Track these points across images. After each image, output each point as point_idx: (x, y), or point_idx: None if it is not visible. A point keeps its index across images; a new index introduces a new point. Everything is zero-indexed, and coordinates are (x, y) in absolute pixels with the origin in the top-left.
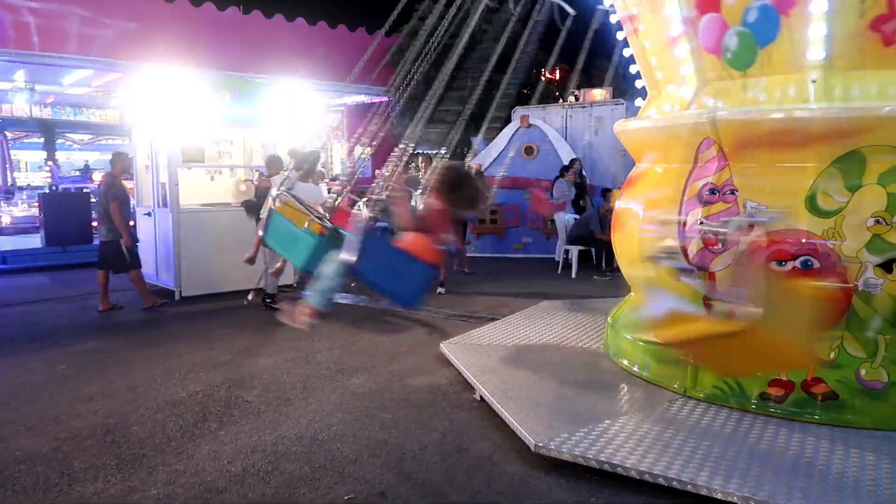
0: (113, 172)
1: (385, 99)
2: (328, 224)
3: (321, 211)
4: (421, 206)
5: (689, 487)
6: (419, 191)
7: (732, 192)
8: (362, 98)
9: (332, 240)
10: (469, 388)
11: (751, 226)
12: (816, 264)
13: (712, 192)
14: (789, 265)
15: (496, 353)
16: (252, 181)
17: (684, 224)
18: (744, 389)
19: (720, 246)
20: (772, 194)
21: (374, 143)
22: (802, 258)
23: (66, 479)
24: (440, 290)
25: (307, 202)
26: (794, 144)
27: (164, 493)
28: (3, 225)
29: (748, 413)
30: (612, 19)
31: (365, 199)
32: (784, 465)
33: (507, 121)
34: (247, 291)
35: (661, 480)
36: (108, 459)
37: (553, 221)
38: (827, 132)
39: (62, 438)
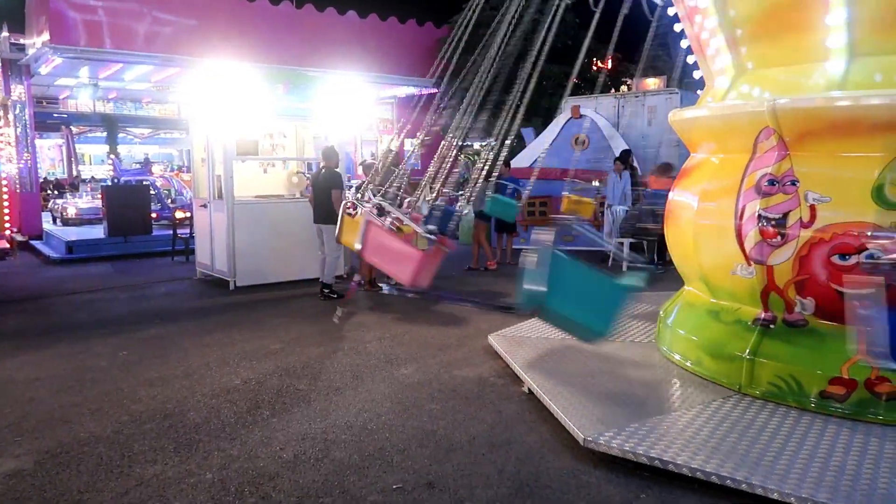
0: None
1: (435, 90)
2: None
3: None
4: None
5: (743, 486)
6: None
7: (793, 183)
8: (412, 90)
9: None
10: (517, 380)
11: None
12: (883, 258)
13: (771, 182)
14: (853, 259)
15: (544, 345)
16: (304, 174)
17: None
18: (803, 387)
19: (778, 238)
20: (835, 185)
21: (425, 136)
22: (868, 252)
23: (126, 460)
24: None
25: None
26: (860, 133)
27: (218, 476)
28: (69, 216)
29: (807, 412)
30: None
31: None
32: (846, 466)
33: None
34: (300, 282)
35: (713, 479)
36: (166, 443)
37: (603, 213)
38: None
39: (123, 422)
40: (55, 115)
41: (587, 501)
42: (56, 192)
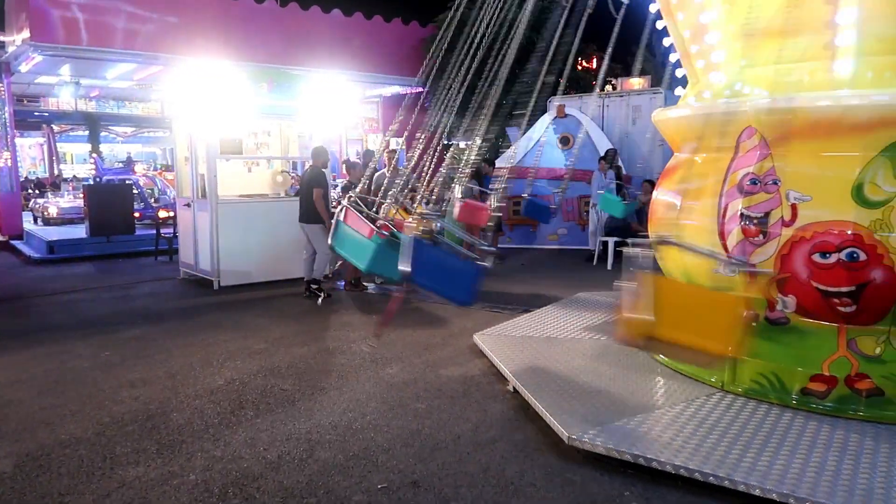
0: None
1: (420, 90)
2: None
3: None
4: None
5: (726, 483)
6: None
7: (775, 183)
8: (397, 89)
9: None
10: (502, 379)
11: None
12: (863, 257)
13: (753, 182)
14: (834, 257)
15: (530, 344)
16: (289, 173)
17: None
18: (784, 385)
19: (760, 237)
20: (816, 184)
21: (413, 135)
22: (848, 250)
23: (108, 462)
24: None
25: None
26: (841, 133)
27: (202, 478)
28: (51, 216)
29: (788, 409)
30: (653, 8)
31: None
32: (826, 462)
33: (543, 111)
34: (284, 282)
35: (697, 476)
36: (148, 445)
37: (587, 212)
38: (877, 119)
39: (105, 423)
40: (36, 113)
41: (572, 499)
42: (37, 192)
